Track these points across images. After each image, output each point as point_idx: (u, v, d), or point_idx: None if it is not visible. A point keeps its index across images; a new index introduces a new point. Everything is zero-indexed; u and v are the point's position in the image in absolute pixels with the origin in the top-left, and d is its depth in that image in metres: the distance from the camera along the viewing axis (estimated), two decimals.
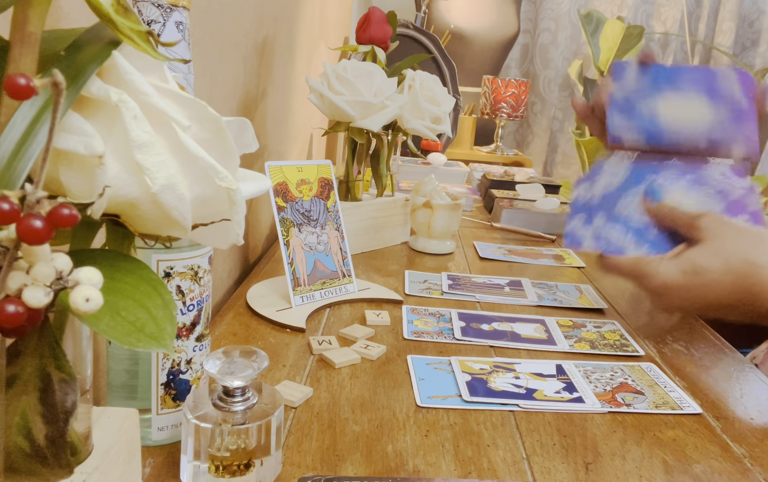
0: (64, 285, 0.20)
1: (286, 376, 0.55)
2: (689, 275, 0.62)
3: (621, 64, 0.75)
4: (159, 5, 0.38)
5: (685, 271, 0.62)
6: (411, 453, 0.45)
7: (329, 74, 0.86)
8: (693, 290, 0.62)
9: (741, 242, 0.61)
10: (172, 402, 0.43)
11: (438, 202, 0.96)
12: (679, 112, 0.72)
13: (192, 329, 0.43)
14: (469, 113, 2.39)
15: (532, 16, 2.61)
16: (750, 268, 0.59)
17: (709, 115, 0.71)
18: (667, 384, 0.59)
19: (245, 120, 0.29)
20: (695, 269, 0.61)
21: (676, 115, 0.72)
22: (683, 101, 0.72)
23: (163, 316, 0.23)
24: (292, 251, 0.70)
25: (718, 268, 0.60)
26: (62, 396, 0.22)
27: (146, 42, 0.24)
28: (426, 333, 0.67)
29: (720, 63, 2.59)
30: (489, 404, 0.53)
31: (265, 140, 0.96)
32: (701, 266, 0.61)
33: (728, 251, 0.61)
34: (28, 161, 0.21)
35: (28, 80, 0.19)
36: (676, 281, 0.62)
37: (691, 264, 0.62)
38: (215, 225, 0.27)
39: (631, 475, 0.45)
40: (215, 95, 0.72)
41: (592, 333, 0.70)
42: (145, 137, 0.23)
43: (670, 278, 0.63)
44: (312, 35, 1.29)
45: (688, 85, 0.72)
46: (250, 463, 0.38)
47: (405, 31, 1.97)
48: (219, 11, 0.70)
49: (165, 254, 0.41)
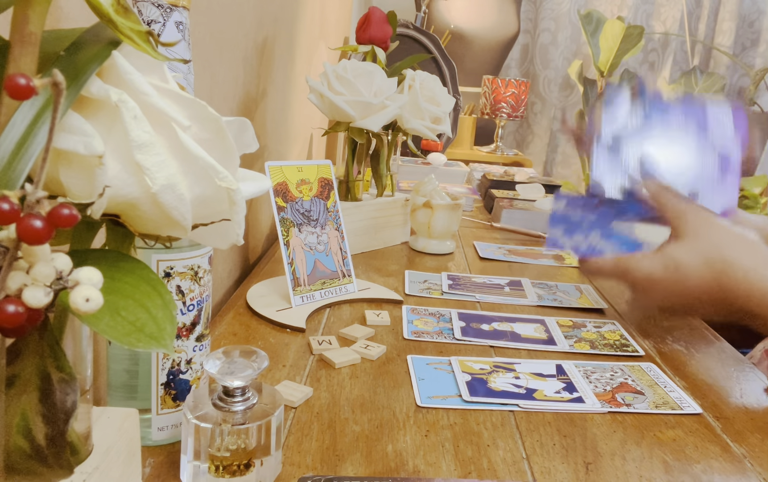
0: (64, 285, 0.20)
1: (286, 376, 0.55)
2: (670, 270, 0.63)
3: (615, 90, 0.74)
4: (159, 5, 0.38)
5: (666, 266, 0.64)
6: (411, 453, 0.45)
7: (329, 74, 0.86)
8: (673, 285, 0.64)
9: (720, 240, 0.63)
10: (172, 402, 0.43)
11: (438, 202, 0.96)
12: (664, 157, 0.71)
13: (192, 329, 0.43)
14: (469, 113, 2.39)
15: (532, 16, 2.61)
16: (724, 265, 0.61)
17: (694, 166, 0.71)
18: (667, 384, 0.59)
19: (245, 120, 0.29)
20: (676, 265, 0.63)
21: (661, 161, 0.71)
22: (671, 145, 0.71)
23: (163, 316, 0.23)
24: (292, 251, 0.70)
25: (697, 264, 0.62)
26: (62, 396, 0.22)
27: (146, 42, 0.24)
28: (426, 333, 0.67)
29: (720, 63, 2.59)
30: (489, 404, 0.53)
31: (265, 140, 0.96)
32: (681, 261, 0.63)
33: (708, 248, 0.63)
34: (28, 161, 0.21)
35: (28, 80, 0.19)
36: (658, 276, 0.64)
37: (672, 260, 0.64)
38: (215, 225, 0.27)
39: (631, 475, 0.45)
40: (215, 95, 0.72)
41: (592, 333, 0.70)
42: (145, 137, 0.23)
43: (652, 272, 0.64)
44: (312, 35, 1.29)
45: (678, 126, 0.71)
46: (250, 463, 0.38)
47: (405, 31, 1.97)
48: (219, 11, 0.70)
49: (165, 254, 0.41)
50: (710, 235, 0.63)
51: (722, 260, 0.62)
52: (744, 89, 2.60)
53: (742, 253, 0.62)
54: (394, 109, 0.88)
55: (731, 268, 0.61)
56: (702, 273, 0.62)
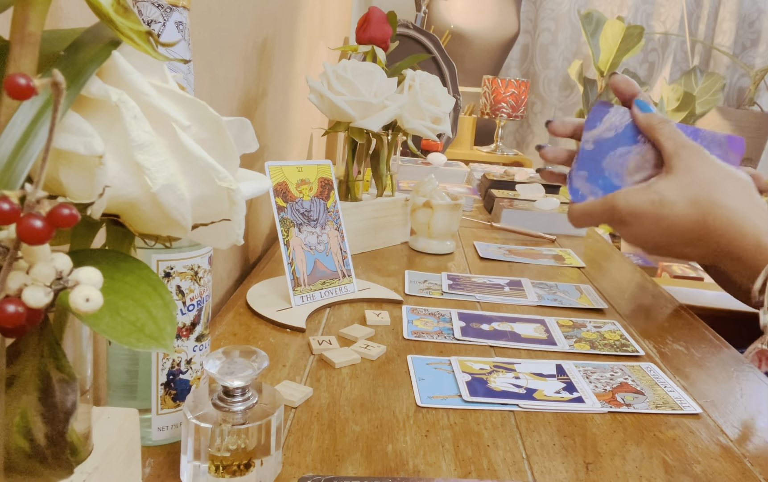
0: (64, 285, 0.20)
1: (286, 376, 0.55)
2: (657, 205, 0.63)
3: (602, 108, 0.74)
4: (159, 5, 0.38)
5: (653, 201, 0.63)
6: (411, 453, 0.45)
7: (329, 74, 0.86)
8: (659, 221, 0.63)
9: (710, 180, 0.62)
10: (172, 402, 0.43)
11: (438, 202, 0.96)
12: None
13: (192, 329, 0.43)
14: (469, 113, 2.39)
15: (532, 16, 2.61)
16: (710, 206, 0.61)
17: None
18: (667, 384, 0.59)
19: (245, 120, 0.29)
20: (662, 201, 0.63)
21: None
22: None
23: (163, 316, 0.23)
24: (292, 251, 0.70)
25: (683, 202, 0.62)
26: (62, 396, 0.22)
27: (146, 42, 0.24)
28: (426, 333, 0.67)
29: (720, 63, 2.59)
30: (489, 404, 0.53)
31: (265, 140, 0.96)
32: (668, 198, 0.63)
33: (696, 186, 0.62)
34: (28, 161, 0.21)
35: (28, 80, 0.19)
36: (643, 210, 0.64)
37: (659, 195, 0.63)
38: (215, 225, 0.27)
39: (631, 475, 0.45)
40: (215, 95, 0.72)
41: (592, 333, 0.70)
42: (145, 137, 0.23)
43: (639, 206, 0.64)
44: (312, 35, 1.29)
45: None
46: (250, 463, 0.38)
47: (405, 31, 1.97)
48: (219, 11, 0.70)
49: (165, 254, 0.41)
50: (700, 174, 0.63)
51: (709, 200, 0.61)
52: (744, 89, 2.60)
53: (730, 195, 0.61)
54: (394, 109, 0.88)
55: (717, 208, 0.61)
56: (688, 211, 0.62)
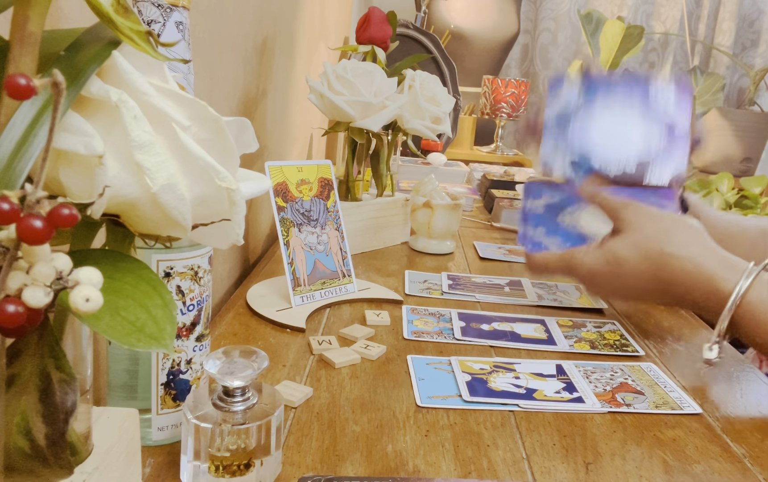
0: (64, 285, 0.20)
1: (286, 376, 0.55)
2: (612, 264, 0.65)
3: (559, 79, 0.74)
4: (159, 5, 0.38)
5: (608, 261, 0.65)
6: (411, 453, 0.45)
7: (329, 74, 0.86)
8: (616, 279, 0.65)
9: (658, 232, 0.64)
10: (172, 402, 0.43)
11: (438, 202, 0.96)
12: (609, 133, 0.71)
13: (192, 329, 0.43)
14: (469, 113, 2.39)
15: (532, 16, 2.61)
16: (661, 258, 0.62)
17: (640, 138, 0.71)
18: (667, 384, 0.59)
19: (245, 120, 0.29)
20: (616, 260, 0.65)
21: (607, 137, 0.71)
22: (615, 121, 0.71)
23: (163, 316, 0.23)
24: (292, 251, 0.70)
25: (636, 259, 0.64)
26: (62, 396, 0.22)
27: (146, 42, 0.24)
28: (426, 333, 0.67)
29: (720, 63, 2.59)
30: (489, 404, 0.53)
31: (265, 140, 0.96)
32: (621, 256, 0.65)
33: (644, 242, 0.64)
34: (28, 161, 0.21)
35: (28, 80, 0.19)
36: (600, 270, 0.66)
37: (612, 254, 0.65)
38: (215, 225, 0.27)
39: (631, 475, 0.45)
40: (215, 95, 0.72)
41: (592, 333, 0.70)
42: (145, 137, 0.23)
43: (595, 266, 0.66)
44: (312, 35, 1.29)
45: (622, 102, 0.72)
46: (250, 463, 0.38)
47: (405, 31, 1.97)
48: (219, 11, 0.70)
49: (165, 254, 0.41)
50: (648, 228, 0.64)
51: (659, 252, 0.62)
52: (744, 89, 2.60)
53: (680, 244, 0.62)
54: (394, 109, 0.88)
55: (669, 259, 0.62)
56: (641, 268, 0.63)
